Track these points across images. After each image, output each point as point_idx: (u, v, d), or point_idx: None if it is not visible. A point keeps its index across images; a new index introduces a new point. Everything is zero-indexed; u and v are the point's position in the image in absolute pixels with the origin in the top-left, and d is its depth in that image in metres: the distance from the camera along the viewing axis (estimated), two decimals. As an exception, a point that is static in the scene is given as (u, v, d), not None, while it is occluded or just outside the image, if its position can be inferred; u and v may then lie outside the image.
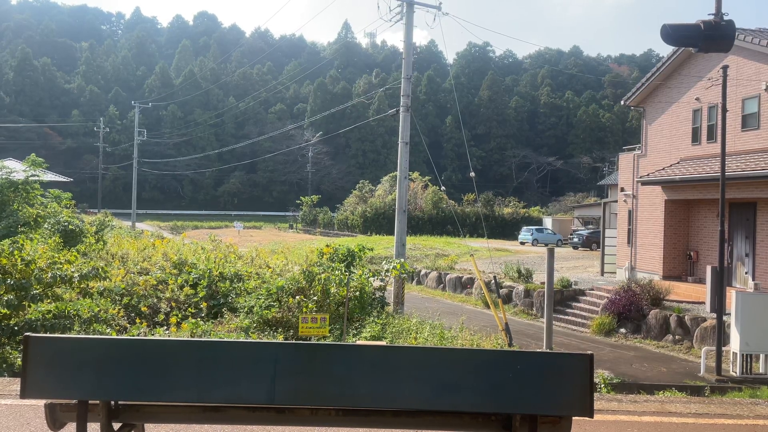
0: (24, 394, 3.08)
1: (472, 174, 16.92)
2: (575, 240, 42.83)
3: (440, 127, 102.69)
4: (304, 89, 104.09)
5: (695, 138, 20.27)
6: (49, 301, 11.14)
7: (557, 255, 38.42)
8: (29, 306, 10.13)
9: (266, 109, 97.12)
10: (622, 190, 23.86)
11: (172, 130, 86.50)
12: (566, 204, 72.02)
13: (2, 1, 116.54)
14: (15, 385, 7.41)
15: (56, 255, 11.52)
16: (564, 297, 20.27)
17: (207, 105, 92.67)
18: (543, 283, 21.63)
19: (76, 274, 10.28)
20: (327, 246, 17.13)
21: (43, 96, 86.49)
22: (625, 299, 17.07)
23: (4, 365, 11.32)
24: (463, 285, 24.14)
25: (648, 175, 20.58)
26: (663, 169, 20.60)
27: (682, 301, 17.43)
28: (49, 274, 9.96)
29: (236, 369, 3.02)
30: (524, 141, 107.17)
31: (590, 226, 53.44)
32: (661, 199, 20.77)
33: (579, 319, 18.81)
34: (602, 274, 25.25)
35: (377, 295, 15.68)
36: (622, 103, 24.46)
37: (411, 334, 12.99)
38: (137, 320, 12.83)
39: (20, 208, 24.38)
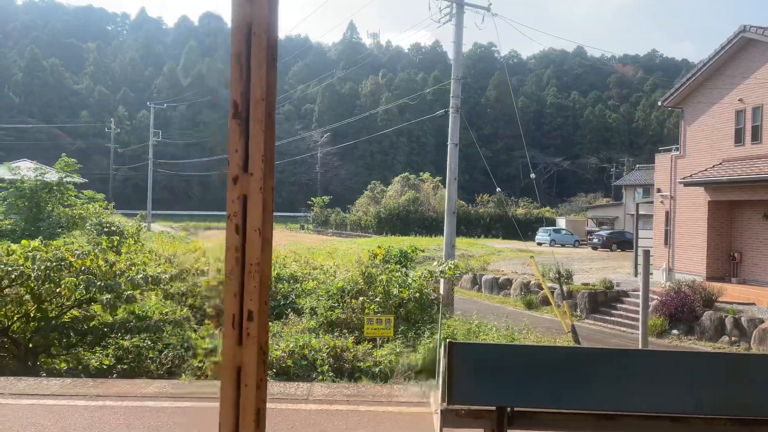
0: (450, 401, 3.05)
1: (533, 175, 16.99)
2: (595, 241, 42.81)
3: (447, 127, 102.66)
4: (311, 90, 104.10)
5: (738, 139, 20.27)
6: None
7: (578, 256, 38.52)
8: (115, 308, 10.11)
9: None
10: (659, 191, 23.86)
11: (181, 130, 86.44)
12: (578, 205, 72.05)
13: (7, 2, 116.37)
14: (97, 388, 7.39)
15: (133, 257, 11.50)
16: (608, 298, 20.25)
17: (215, 106, 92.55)
18: (585, 284, 21.69)
19: (164, 276, 10.25)
20: (378, 247, 17.15)
21: (52, 97, 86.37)
22: (676, 300, 17.06)
23: (80, 366, 11.33)
24: (500, 286, 24.12)
25: (691, 176, 20.58)
26: (706, 170, 20.60)
27: (732, 302, 17.43)
28: (140, 276, 9.92)
29: (655, 378, 2.99)
30: (531, 141, 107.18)
31: (604, 227, 53.45)
32: (704, 200, 20.77)
33: (626, 320, 18.78)
34: (636, 275, 25.21)
35: (433, 296, 15.71)
36: (659, 104, 24.47)
37: (479, 335, 12.99)
38: (206, 321, 12.83)
39: (55, 209, 24.37)
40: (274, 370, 10.83)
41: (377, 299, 13.99)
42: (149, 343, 11.53)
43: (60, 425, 5.43)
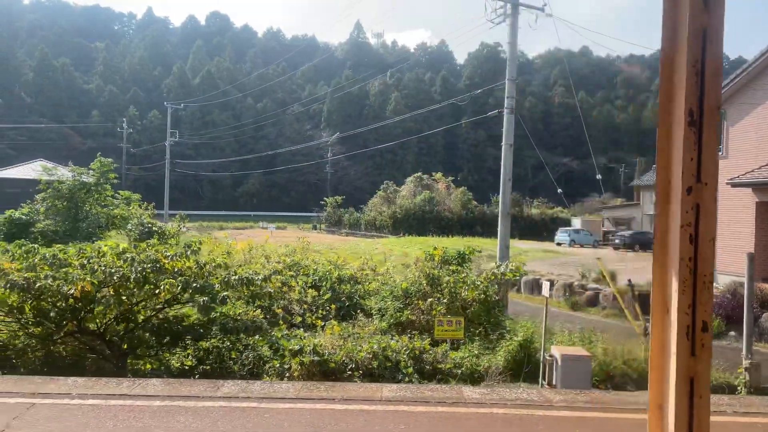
0: None
1: (599, 176, 16.87)
2: (617, 241, 42.70)
3: (456, 128, 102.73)
4: (320, 90, 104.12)
5: (786, 140, 20.23)
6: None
7: (604, 257, 38.43)
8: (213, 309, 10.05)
9: (283, 110, 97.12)
10: (699, 191, 23.79)
11: (191, 130, 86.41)
12: (590, 205, 72.08)
13: (14, 1, 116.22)
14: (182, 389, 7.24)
15: (216, 258, 11.44)
16: (656, 299, 20.16)
17: (225, 105, 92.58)
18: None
19: (256, 277, 10.20)
20: (435, 248, 17.08)
21: (63, 96, 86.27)
22: (732, 302, 17.01)
23: (162, 367, 11.26)
24: (540, 287, 24.05)
25: (739, 177, 20.52)
26: (753, 171, 20.54)
27: (786, 304, 17.39)
28: (236, 277, 9.86)
29: None
30: (539, 141, 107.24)
31: (621, 227, 53.42)
32: (751, 201, 20.72)
33: (678, 322, 18.71)
34: (673, 276, 25.15)
35: (495, 299, 15.64)
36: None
37: (555, 337, 12.93)
38: (280, 322, 12.76)
39: (92, 209, 24.31)
40: (360, 372, 10.79)
41: (444, 301, 13.95)
42: (228, 344, 11.49)
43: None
